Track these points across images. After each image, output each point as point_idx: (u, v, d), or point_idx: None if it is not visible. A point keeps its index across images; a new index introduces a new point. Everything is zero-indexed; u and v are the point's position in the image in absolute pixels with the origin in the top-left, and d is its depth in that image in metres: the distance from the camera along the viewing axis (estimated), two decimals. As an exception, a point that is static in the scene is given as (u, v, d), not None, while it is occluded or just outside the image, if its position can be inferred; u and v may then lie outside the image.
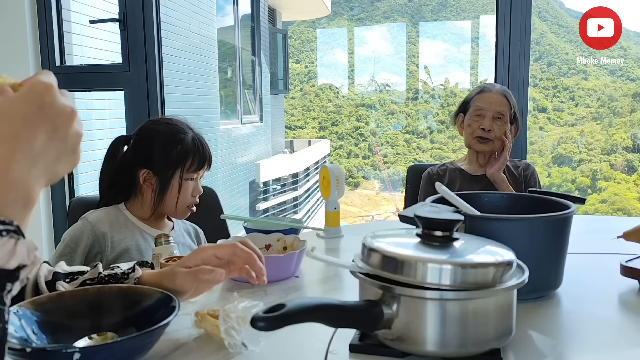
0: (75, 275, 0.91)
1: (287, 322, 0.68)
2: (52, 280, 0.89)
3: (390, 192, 16.05)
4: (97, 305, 0.83)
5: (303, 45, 18.78)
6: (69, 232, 1.38)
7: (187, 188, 1.45)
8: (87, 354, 0.69)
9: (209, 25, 7.12)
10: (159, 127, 1.47)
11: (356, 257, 0.81)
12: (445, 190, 1.05)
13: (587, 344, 0.85)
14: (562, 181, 13.76)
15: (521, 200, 1.16)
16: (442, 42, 18.26)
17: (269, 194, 9.07)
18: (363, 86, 18.08)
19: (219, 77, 7.52)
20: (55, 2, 2.66)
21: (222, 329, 0.79)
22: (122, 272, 0.91)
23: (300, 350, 0.83)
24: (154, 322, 0.74)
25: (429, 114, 17.19)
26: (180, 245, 1.43)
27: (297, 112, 17.81)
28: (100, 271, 0.91)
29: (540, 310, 0.96)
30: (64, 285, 0.89)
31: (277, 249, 1.26)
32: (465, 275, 0.72)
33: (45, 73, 0.54)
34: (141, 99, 2.57)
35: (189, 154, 1.44)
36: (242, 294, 0.97)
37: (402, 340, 0.75)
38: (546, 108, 15.31)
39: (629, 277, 1.08)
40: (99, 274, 0.91)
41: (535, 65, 15.41)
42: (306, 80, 18.48)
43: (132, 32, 2.54)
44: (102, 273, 0.91)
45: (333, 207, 1.56)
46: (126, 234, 1.41)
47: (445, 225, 0.79)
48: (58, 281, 0.89)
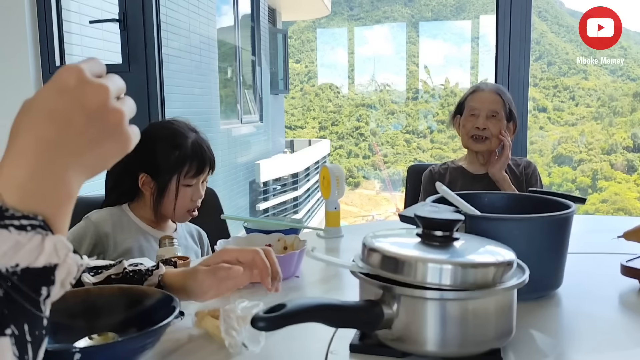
0: (99, 269, 0.91)
1: (287, 322, 0.68)
2: None
3: (391, 192, 16.04)
4: (98, 306, 0.83)
5: (303, 45, 18.78)
6: (72, 232, 1.38)
7: (185, 193, 1.43)
8: (87, 354, 0.69)
9: (209, 25, 7.12)
10: (159, 130, 1.46)
11: (356, 257, 0.81)
12: (445, 190, 1.05)
13: (587, 344, 0.85)
14: (562, 181, 13.75)
15: (521, 200, 1.16)
16: (442, 42, 18.27)
17: (269, 194, 9.06)
18: (363, 86, 18.08)
19: (219, 77, 7.52)
20: (55, 2, 2.67)
21: (222, 329, 0.79)
22: (146, 269, 0.91)
23: (300, 350, 0.83)
24: (154, 322, 0.74)
25: (429, 113, 17.18)
26: (182, 247, 1.42)
27: (297, 112, 17.81)
28: (125, 267, 0.91)
29: (540, 310, 0.96)
30: (89, 278, 0.88)
31: (277, 249, 1.26)
32: (466, 275, 0.72)
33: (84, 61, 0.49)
34: (141, 99, 2.56)
35: (187, 159, 1.42)
36: (242, 294, 0.97)
37: (402, 340, 0.75)
38: (546, 108, 15.31)
39: (629, 277, 1.08)
40: (124, 270, 0.91)
41: (535, 65, 15.40)
42: (306, 80, 18.47)
43: (132, 32, 2.54)
44: (126, 269, 0.91)
45: (333, 207, 1.56)
46: (129, 235, 1.41)
47: (445, 225, 0.79)
48: (83, 273, 0.88)
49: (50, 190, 0.46)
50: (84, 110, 0.47)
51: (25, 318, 0.44)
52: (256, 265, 0.90)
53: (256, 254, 0.90)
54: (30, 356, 0.44)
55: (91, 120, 0.47)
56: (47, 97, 0.47)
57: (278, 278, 0.91)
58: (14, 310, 0.43)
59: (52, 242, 0.45)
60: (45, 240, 0.45)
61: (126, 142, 0.50)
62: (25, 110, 0.46)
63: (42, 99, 0.47)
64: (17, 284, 0.43)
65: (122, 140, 0.49)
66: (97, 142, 0.48)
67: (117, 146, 0.49)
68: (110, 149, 0.49)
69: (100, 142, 0.48)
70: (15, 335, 0.43)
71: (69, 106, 0.46)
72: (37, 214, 0.45)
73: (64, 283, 0.46)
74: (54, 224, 0.46)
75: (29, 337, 0.44)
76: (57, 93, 0.47)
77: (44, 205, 0.45)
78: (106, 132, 0.48)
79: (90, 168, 0.49)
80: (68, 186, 0.47)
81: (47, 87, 0.47)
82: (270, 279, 0.90)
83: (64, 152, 0.46)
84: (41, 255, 0.44)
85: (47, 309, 0.46)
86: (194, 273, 0.90)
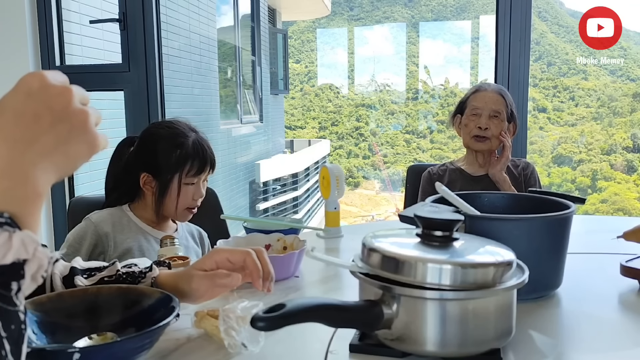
0: (92, 272, 0.90)
1: (287, 322, 0.68)
2: (69, 275, 0.88)
3: (390, 192, 16.05)
4: (97, 306, 0.83)
5: (303, 45, 18.78)
6: (73, 233, 1.39)
7: (187, 192, 1.44)
8: (86, 354, 0.68)
9: (209, 25, 7.12)
10: (160, 130, 1.47)
11: (356, 257, 0.81)
12: (445, 190, 1.05)
13: (587, 344, 0.85)
14: (562, 181, 13.76)
15: (521, 200, 1.16)
16: (442, 42, 18.28)
17: (269, 194, 9.06)
18: (363, 86, 18.09)
19: (219, 77, 7.52)
20: (55, 2, 2.66)
21: (221, 329, 0.79)
22: (139, 271, 0.90)
23: (300, 350, 0.83)
24: (153, 322, 0.74)
25: (429, 114, 17.19)
26: (183, 247, 1.42)
27: (297, 112, 17.81)
28: (118, 268, 0.91)
29: (540, 310, 0.96)
30: (82, 280, 0.88)
31: (277, 249, 1.26)
32: (465, 275, 0.72)
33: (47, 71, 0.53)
34: (141, 99, 2.56)
35: (188, 158, 1.43)
36: (242, 294, 0.97)
37: (402, 340, 0.75)
38: (546, 108, 15.31)
39: (629, 277, 1.08)
40: (117, 272, 0.90)
41: (535, 65, 15.41)
42: (306, 80, 18.47)
43: (132, 32, 2.54)
44: (119, 271, 0.90)
45: (333, 207, 1.56)
46: (129, 235, 1.41)
47: (445, 225, 0.79)
48: (76, 276, 0.88)
49: (17, 188, 0.47)
50: (49, 111, 0.49)
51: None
52: (247, 266, 0.89)
53: (247, 255, 0.90)
54: (8, 350, 0.45)
55: (57, 119, 0.49)
56: (13, 100, 0.49)
57: (270, 278, 0.91)
58: None
59: (20, 238, 0.46)
60: (12, 237, 0.46)
61: (93, 143, 0.52)
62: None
63: (8, 103, 0.49)
64: None
65: (88, 141, 0.51)
66: (65, 141, 0.50)
67: (84, 146, 0.51)
68: (78, 148, 0.51)
69: (68, 141, 0.50)
70: None
71: (35, 107, 0.49)
72: (3, 212, 0.46)
73: (35, 277, 0.47)
74: (23, 221, 0.47)
75: (4, 333, 0.44)
76: (23, 96, 0.49)
77: (11, 202, 0.47)
78: (73, 131, 0.50)
79: (59, 168, 0.50)
80: (36, 184, 0.48)
81: (13, 91, 0.49)
82: (261, 280, 0.90)
83: (32, 150, 0.48)
84: (9, 252, 0.45)
85: (20, 303, 0.46)
86: (188, 277, 0.89)
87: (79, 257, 0.95)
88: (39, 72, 0.50)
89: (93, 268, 0.91)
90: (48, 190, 0.50)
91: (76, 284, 0.87)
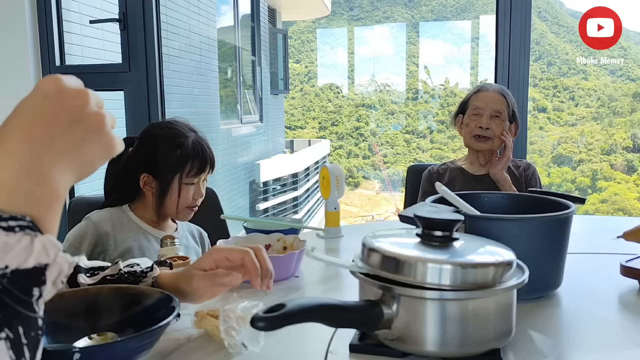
0: (96, 270, 0.91)
1: (287, 322, 0.68)
2: (73, 273, 0.88)
3: (390, 192, 16.05)
4: (97, 306, 0.83)
5: (303, 45, 18.78)
6: (73, 232, 1.39)
7: (187, 192, 1.45)
8: (87, 354, 0.69)
9: (209, 25, 7.12)
10: (160, 131, 1.47)
11: (356, 257, 0.81)
12: (445, 190, 1.05)
13: (587, 344, 0.85)
14: (562, 181, 13.76)
15: (521, 200, 1.16)
16: (442, 42, 18.28)
17: (269, 194, 9.06)
18: (363, 86, 18.09)
19: (219, 77, 7.52)
20: (55, 2, 2.66)
21: (222, 329, 0.79)
22: (141, 270, 0.91)
23: (300, 350, 0.83)
24: (154, 322, 0.74)
25: (428, 114, 17.19)
26: (183, 247, 1.43)
27: (297, 112, 17.81)
28: (120, 268, 0.91)
29: (540, 310, 0.96)
30: (85, 278, 0.89)
31: (277, 249, 1.26)
32: (465, 275, 0.72)
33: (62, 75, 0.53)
34: (141, 99, 2.56)
35: (189, 158, 1.43)
36: (242, 294, 0.97)
37: (402, 340, 0.75)
38: (546, 108, 15.31)
39: (629, 277, 1.08)
40: (119, 271, 0.91)
41: (535, 65, 15.41)
42: (306, 80, 18.47)
43: (132, 32, 2.54)
44: (122, 270, 0.91)
45: (333, 207, 1.56)
46: (129, 235, 1.41)
47: (445, 225, 0.79)
48: (79, 274, 0.88)
49: (37, 189, 0.47)
50: (66, 112, 0.50)
51: (19, 321, 0.43)
52: (245, 265, 0.90)
53: (246, 254, 0.90)
54: (28, 358, 0.44)
55: (74, 120, 0.50)
56: (31, 103, 0.49)
57: (269, 276, 0.90)
58: (7, 313, 0.43)
59: (42, 242, 0.45)
60: (34, 241, 0.45)
61: (109, 145, 0.53)
62: (11, 117, 0.48)
63: (26, 105, 0.49)
64: (7, 286, 0.43)
65: (104, 142, 0.52)
66: (82, 142, 0.50)
67: (100, 148, 0.52)
68: (94, 150, 0.52)
69: (84, 142, 0.51)
70: (10, 338, 0.42)
71: (52, 109, 0.49)
72: (25, 215, 0.45)
73: (55, 282, 0.47)
74: (43, 224, 0.46)
75: (25, 340, 0.44)
76: (40, 99, 0.49)
77: (32, 205, 0.46)
78: (89, 133, 0.51)
79: (76, 169, 0.51)
80: (55, 185, 0.48)
81: (31, 96, 0.50)
82: (259, 279, 0.90)
83: (50, 150, 0.48)
84: (31, 256, 0.44)
85: (40, 309, 0.46)
86: (188, 277, 0.89)
87: (84, 256, 0.96)
88: (55, 76, 0.51)
89: (96, 267, 0.92)
90: (66, 192, 0.50)
91: (79, 282, 0.88)
